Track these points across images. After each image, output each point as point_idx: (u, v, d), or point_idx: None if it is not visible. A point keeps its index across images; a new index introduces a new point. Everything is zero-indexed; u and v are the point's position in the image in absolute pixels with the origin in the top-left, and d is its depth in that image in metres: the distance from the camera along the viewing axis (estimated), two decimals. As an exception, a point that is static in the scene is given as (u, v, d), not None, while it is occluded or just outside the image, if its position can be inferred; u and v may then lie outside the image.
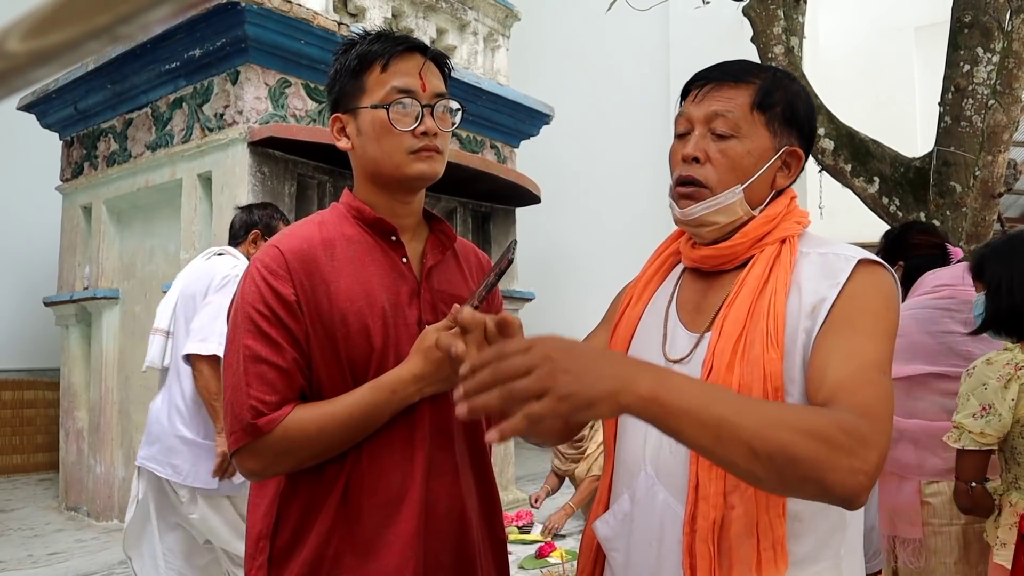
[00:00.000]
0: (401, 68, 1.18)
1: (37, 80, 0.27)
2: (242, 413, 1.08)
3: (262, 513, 1.17)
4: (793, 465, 0.77)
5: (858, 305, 0.94)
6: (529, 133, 5.87)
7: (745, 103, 1.03)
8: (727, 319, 0.99)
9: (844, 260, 0.98)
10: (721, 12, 5.03)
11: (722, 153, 1.02)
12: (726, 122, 1.02)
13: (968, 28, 3.53)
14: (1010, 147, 3.00)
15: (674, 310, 1.09)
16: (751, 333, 0.96)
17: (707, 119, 1.03)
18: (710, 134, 1.03)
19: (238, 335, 1.12)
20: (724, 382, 0.94)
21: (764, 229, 1.04)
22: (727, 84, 1.04)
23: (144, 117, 4.74)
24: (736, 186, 1.02)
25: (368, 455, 1.14)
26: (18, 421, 6.78)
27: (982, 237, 3.19)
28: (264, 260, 1.13)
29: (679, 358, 1.03)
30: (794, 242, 1.04)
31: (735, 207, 1.02)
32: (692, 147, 1.03)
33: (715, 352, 0.97)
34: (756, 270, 1.01)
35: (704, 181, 1.02)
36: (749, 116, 1.02)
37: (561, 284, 7.43)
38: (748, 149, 1.02)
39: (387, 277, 1.18)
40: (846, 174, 3.72)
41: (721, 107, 1.02)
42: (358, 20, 4.66)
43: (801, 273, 1.00)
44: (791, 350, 0.95)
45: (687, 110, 1.06)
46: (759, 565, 0.91)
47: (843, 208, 4.99)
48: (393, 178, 1.19)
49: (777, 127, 1.04)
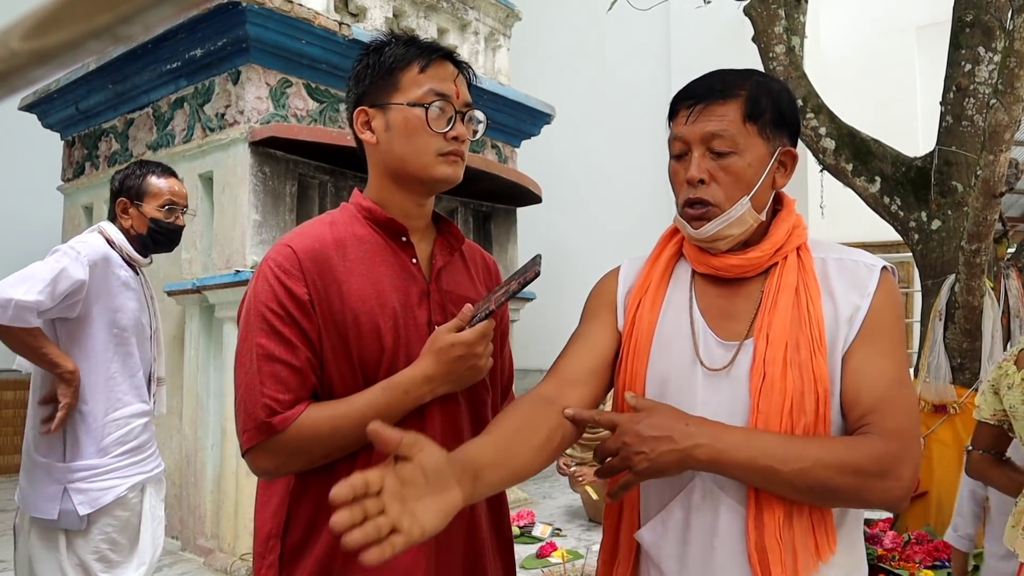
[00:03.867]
0: (440, 73, 1.20)
1: (38, 80, 0.26)
2: (256, 411, 1.09)
3: (271, 512, 1.18)
4: (832, 495, 0.96)
5: (881, 320, 1.04)
6: (530, 133, 5.87)
7: (737, 117, 1.05)
8: (772, 326, 1.04)
9: (866, 268, 1.07)
10: (722, 12, 5.03)
11: (724, 170, 1.05)
12: (723, 141, 1.05)
13: (969, 27, 3.53)
14: (1012, 146, 2.99)
15: (699, 317, 1.10)
16: (797, 339, 1.02)
17: (704, 139, 1.06)
18: (709, 153, 1.06)
19: (251, 334, 1.12)
20: (779, 390, 1.00)
21: (786, 237, 1.09)
22: (716, 101, 1.06)
23: (145, 117, 4.74)
24: (743, 198, 1.06)
25: (379, 453, 1.14)
26: (19, 421, 6.78)
27: (983, 237, 3.19)
28: (277, 259, 1.14)
29: (719, 367, 1.06)
30: (807, 248, 1.10)
31: (745, 217, 1.06)
32: (695, 169, 1.06)
33: (766, 360, 1.02)
34: (788, 278, 1.07)
35: (712, 200, 1.05)
36: (743, 129, 1.05)
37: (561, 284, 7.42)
38: (748, 162, 1.06)
39: (397, 278, 1.19)
40: (847, 174, 3.71)
41: (715, 126, 1.05)
42: (359, 20, 4.66)
43: (830, 280, 1.07)
44: (832, 354, 1.02)
45: (681, 132, 1.08)
46: (817, 550, 0.99)
47: (844, 208, 4.99)
48: (417, 178, 1.20)
49: (769, 132, 1.07)
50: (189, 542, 4.18)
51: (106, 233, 2.36)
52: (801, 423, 0.99)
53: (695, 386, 1.06)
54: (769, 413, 1.00)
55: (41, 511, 2.20)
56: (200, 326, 4.18)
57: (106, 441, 2.29)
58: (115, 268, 2.32)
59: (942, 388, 3.43)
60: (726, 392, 1.05)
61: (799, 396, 0.99)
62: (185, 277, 4.28)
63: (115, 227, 2.39)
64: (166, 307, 4.38)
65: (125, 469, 2.32)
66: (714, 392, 1.05)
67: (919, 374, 3.51)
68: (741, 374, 1.04)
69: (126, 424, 2.34)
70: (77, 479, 2.22)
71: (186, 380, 4.23)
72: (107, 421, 2.30)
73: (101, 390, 2.30)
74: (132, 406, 2.36)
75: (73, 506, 2.19)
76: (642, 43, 7.37)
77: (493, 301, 1.15)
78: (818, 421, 1.00)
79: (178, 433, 4.26)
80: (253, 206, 3.97)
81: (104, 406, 2.30)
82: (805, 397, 0.99)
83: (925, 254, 3.60)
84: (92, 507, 2.22)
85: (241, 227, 3.99)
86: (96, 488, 2.25)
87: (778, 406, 1.00)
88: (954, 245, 3.45)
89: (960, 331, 3.42)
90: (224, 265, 4.06)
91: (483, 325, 1.15)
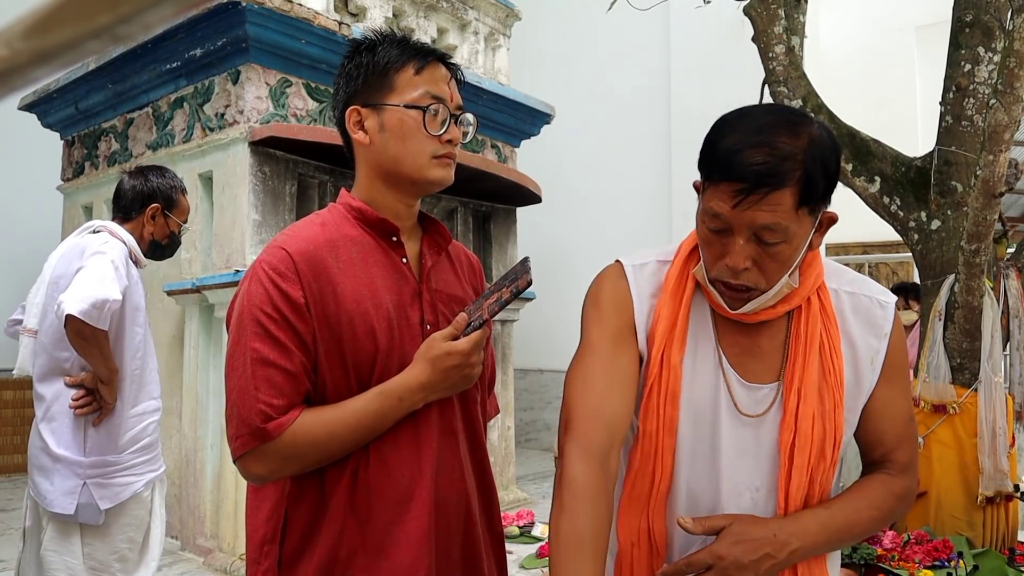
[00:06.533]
0: (435, 75, 1.21)
1: (38, 80, 0.26)
2: (250, 417, 1.07)
3: (264, 517, 1.17)
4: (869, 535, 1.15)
5: (898, 362, 1.10)
6: (530, 133, 5.87)
7: (791, 205, 0.94)
8: (804, 381, 1.05)
9: (880, 307, 1.09)
10: (722, 12, 5.03)
11: (772, 258, 0.98)
12: (774, 234, 0.96)
13: (969, 27, 3.53)
14: (1011, 146, 2.99)
15: (726, 361, 1.09)
16: (821, 392, 1.05)
17: (752, 228, 0.96)
18: (754, 238, 0.97)
19: (244, 338, 1.10)
20: (807, 439, 1.04)
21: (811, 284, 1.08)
22: (769, 190, 0.93)
23: (145, 117, 4.74)
24: (784, 276, 1.02)
25: (376, 455, 1.14)
26: (19, 421, 6.78)
27: (983, 237, 3.19)
28: (271, 262, 1.12)
29: (755, 414, 1.08)
30: (824, 286, 1.09)
31: (783, 289, 1.04)
32: (741, 260, 0.98)
33: (799, 416, 1.05)
34: (813, 326, 1.07)
35: (755, 285, 1.00)
36: (795, 217, 0.95)
37: (561, 284, 7.42)
38: (796, 246, 0.99)
39: (390, 278, 1.19)
40: (847, 174, 3.71)
41: (768, 219, 0.95)
42: (359, 20, 4.66)
43: (848, 323, 1.09)
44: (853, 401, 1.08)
45: (725, 214, 0.96)
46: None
47: (844, 208, 4.97)
48: (411, 179, 1.20)
49: (818, 206, 0.99)
50: (189, 542, 4.17)
51: (117, 234, 2.35)
52: (820, 469, 1.06)
53: (722, 427, 1.07)
54: (800, 466, 1.05)
55: (58, 506, 2.19)
56: (200, 326, 4.18)
57: (124, 439, 2.32)
58: (132, 269, 2.35)
59: (942, 388, 3.43)
60: (752, 435, 1.07)
61: (820, 445, 1.05)
62: (185, 277, 4.28)
63: (122, 228, 2.40)
64: (166, 307, 4.39)
65: (140, 467, 2.36)
66: (740, 435, 1.07)
67: (919, 374, 3.51)
68: (769, 420, 1.07)
69: (141, 421, 2.38)
70: (96, 475, 2.24)
71: (186, 380, 4.23)
72: (126, 417, 2.33)
73: (125, 387, 2.33)
74: (148, 402, 2.41)
75: (93, 500, 2.21)
76: (642, 43, 7.36)
77: (486, 309, 1.16)
78: (832, 465, 1.07)
79: (178, 433, 4.26)
80: (253, 206, 3.97)
81: (125, 403, 2.33)
82: (825, 445, 1.05)
83: (925, 254, 3.60)
84: (113, 502, 2.25)
85: (241, 227, 3.99)
86: (117, 483, 2.28)
87: (805, 455, 1.05)
88: (954, 245, 3.45)
89: (960, 331, 3.42)
90: (224, 265, 4.06)
91: (478, 334, 1.16)
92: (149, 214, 2.42)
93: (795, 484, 1.05)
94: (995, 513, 3.30)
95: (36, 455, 2.31)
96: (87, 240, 2.32)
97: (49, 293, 2.32)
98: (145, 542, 2.39)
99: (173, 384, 4.24)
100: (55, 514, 2.22)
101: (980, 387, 3.35)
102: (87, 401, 2.25)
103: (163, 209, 2.43)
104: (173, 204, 2.46)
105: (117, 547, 2.29)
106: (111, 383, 2.26)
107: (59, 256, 2.36)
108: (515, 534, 4.40)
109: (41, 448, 2.29)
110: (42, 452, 2.28)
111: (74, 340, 2.15)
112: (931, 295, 3.54)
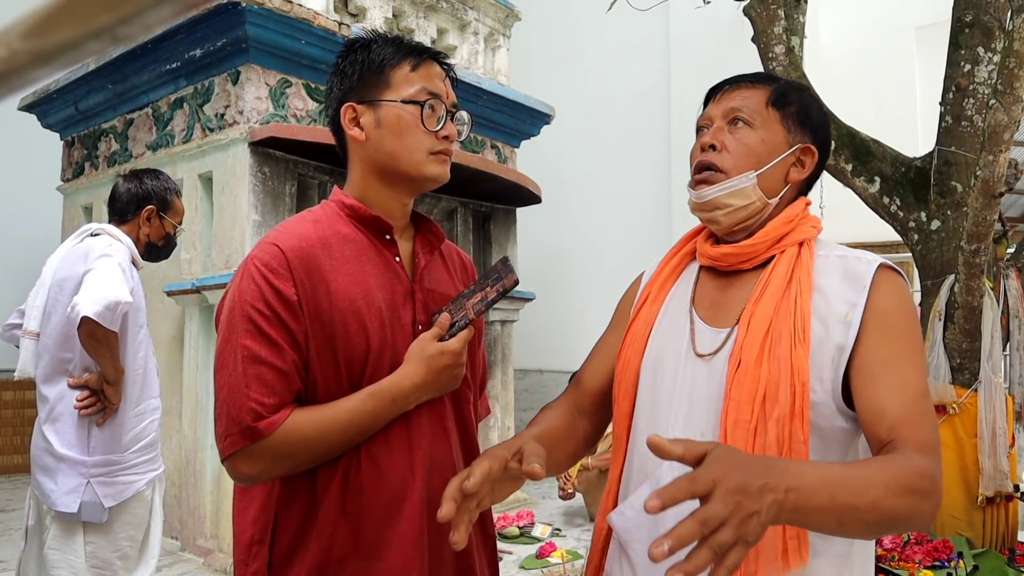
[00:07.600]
0: (431, 72, 1.21)
1: (38, 80, 0.26)
2: (240, 416, 1.06)
3: (251, 519, 1.15)
4: (893, 524, 0.86)
5: (891, 323, 0.99)
6: (529, 133, 5.87)
7: (761, 99, 1.11)
8: (754, 316, 1.03)
9: (865, 263, 1.04)
10: (721, 12, 5.02)
11: (737, 140, 1.09)
12: (742, 114, 1.10)
13: (969, 28, 3.53)
14: (1011, 147, 2.99)
15: (695, 308, 1.13)
16: (778, 330, 1.00)
17: (725, 114, 1.11)
18: (727, 125, 1.11)
19: (235, 335, 1.09)
20: (752, 377, 0.98)
21: (783, 230, 1.08)
22: (744, 85, 1.13)
23: (145, 117, 4.74)
24: (750, 171, 1.07)
25: (367, 456, 1.13)
26: (19, 421, 6.77)
27: (983, 237, 3.19)
28: (263, 258, 1.11)
29: (706, 353, 1.06)
30: (811, 245, 1.08)
31: (748, 191, 1.07)
32: (710, 136, 1.11)
33: (743, 347, 1.01)
34: (780, 269, 1.05)
35: (719, 166, 1.08)
36: (764, 111, 1.10)
37: (561, 284, 7.43)
38: (762, 138, 1.09)
39: (382, 277, 1.18)
40: (847, 174, 3.71)
41: (738, 103, 1.11)
42: (359, 20, 4.66)
43: (821, 274, 1.04)
44: (819, 351, 0.99)
45: (707, 110, 1.14)
46: (785, 554, 0.95)
47: (843, 208, 4.99)
48: (407, 175, 1.19)
49: (791, 124, 1.11)
50: (189, 542, 4.17)
51: (117, 236, 2.38)
52: (774, 413, 0.96)
53: (684, 371, 1.07)
54: (741, 400, 0.98)
55: (62, 505, 2.21)
56: (199, 326, 4.18)
57: (127, 438, 2.35)
58: (133, 270, 2.39)
59: (942, 388, 3.43)
60: (707, 377, 1.05)
61: (773, 386, 0.97)
62: (184, 277, 4.28)
63: (119, 230, 2.42)
64: (166, 307, 4.38)
65: (141, 466, 2.39)
66: (698, 377, 1.05)
67: (919, 374, 3.51)
68: (723, 361, 1.04)
69: (143, 420, 2.41)
70: (100, 473, 2.27)
71: (185, 380, 4.23)
72: (128, 417, 2.36)
73: (128, 387, 2.35)
74: (149, 401, 2.43)
75: (97, 498, 2.23)
76: (642, 43, 7.37)
77: (471, 309, 1.16)
78: (794, 416, 0.95)
79: (178, 433, 4.26)
80: (253, 206, 3.97)
81: (128, 403, 2.36)
82: (780, 388, 0.96)
83: (924, 254, 3.60)
84: (116, 500, 2.28)
85: (240, 227, 3.99)
86: (120, 482, 2.31)
87: (750, 393, 0.97)
88: (954, 245, 3.45)
89: (959, 331, 3.42)
90: (224, 265, 4.06)
91: (465, 333, 1.16)
92: (144, 216, 2.44)
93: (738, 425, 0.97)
94: (995, 513, 3.31)
95: (39, 455, 2.32)
96: (89, 243, 2.33)
97: (52, 296, 2.32)
98: (145, 540, 2.41)
99: (173, 384, 4.24)
100: (59, 513, 2.22)
101: (980, 387, 3.36)
102: (92, 402, 2.27)
103: (158, 211, 2.46)
104: (168, 206, 2.49)
105: (119, 545, 2.30)
106: (117, 383, 2.28)
107: (60, 259, 2.37)
108: (515, 534, 4.40)
109: (44, 448, 2.30)
110: (46, 452, 2.29)
111: (86, 341, 2.16)
112: (931, 295, 3.54)
